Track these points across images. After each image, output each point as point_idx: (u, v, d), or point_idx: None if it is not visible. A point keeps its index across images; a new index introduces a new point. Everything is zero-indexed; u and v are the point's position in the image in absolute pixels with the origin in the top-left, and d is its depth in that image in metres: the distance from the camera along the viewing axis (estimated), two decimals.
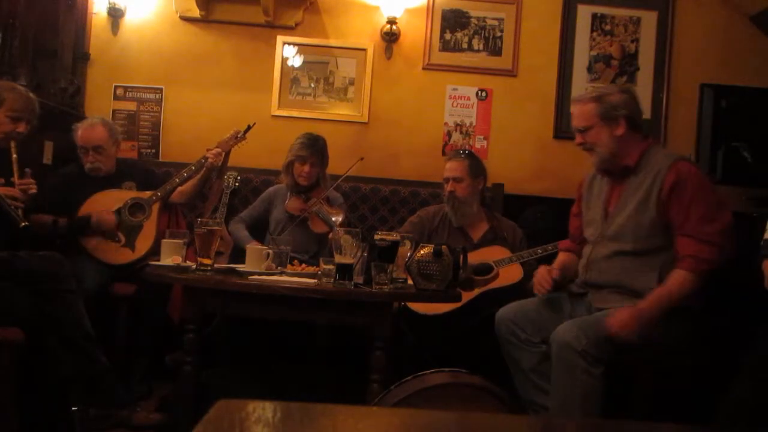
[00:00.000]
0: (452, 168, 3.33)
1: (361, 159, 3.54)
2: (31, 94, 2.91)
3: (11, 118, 2.79)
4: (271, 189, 3.71)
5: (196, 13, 4.08)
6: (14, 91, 2.84)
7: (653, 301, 2.37)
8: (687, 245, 2.36)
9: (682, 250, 2.37)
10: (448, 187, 3.31)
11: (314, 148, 3.49)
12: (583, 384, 2.25)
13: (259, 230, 3.60)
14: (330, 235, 3.23)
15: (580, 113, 2.57)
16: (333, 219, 3.29)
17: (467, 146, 4.08)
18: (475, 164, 3.35)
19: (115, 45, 4.11)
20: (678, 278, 2.37)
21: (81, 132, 3.35)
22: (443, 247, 2.41)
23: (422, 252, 2.43)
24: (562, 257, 2.81)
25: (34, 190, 2.77)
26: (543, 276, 2.63)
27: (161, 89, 4.12)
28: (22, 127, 2.82)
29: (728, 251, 2.36)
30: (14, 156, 2.76)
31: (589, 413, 2.22)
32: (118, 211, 3.30)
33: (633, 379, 2.46)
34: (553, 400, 2.34)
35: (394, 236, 2.44)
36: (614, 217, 2.52)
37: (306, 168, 3.48)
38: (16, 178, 2.73)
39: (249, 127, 3.50)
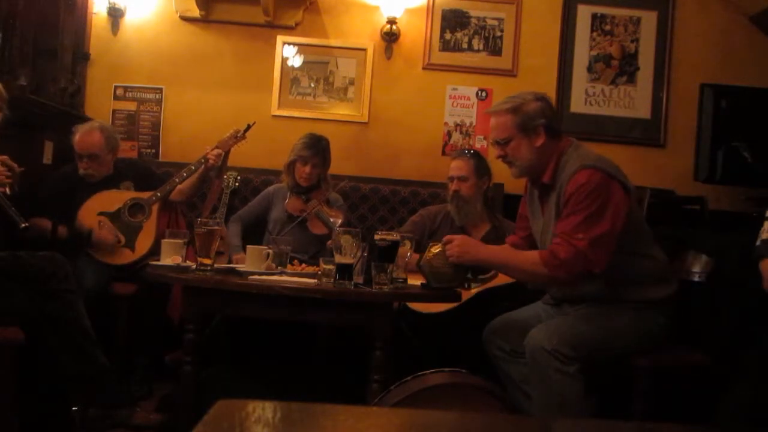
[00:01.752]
0: (457, 167, 3.33)
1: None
2: None
3: None
4: (271, 188, 3.71)
5: (196, 13, 4.08)
6: None
7: (495, 251, 2.51)
8: (555, 242, 2.30)
9: (550, 244, 2.33)
10: (453, 186, 3.30)
11: (316, 149, 3.48)
12: (558, 383, 2.23)
13: (257, 229, 3.60)
14: (329, 243, 3.23)
15: (496, 125, 2.47)
16: (332, 220, 3.29)
17: (467, 146, 4.08)
18: (480, 164, 3.35)
19: (115, 45, 4.11)
20: (528, 256, 2.40)
21: (78, 138, 3.32)
22: None
23: (436, 251, 2.43)
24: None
25: (17, 168, 2.72)
26: None
27: (161, 89, 4.12)
28: None
29: (597, 261, 2.25)
30: None
31: (570, 413, 2.21)
32: (118, 212, 3.30)
33: (633, 379, 2.47)
34: (534, 404, 2.34)
35: (394, 236, 2.43)
36: (545, 235, 2.48)
37: (307, 169, 3.48)
38: None
39: (249, 127, 3.49)
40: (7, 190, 2.62)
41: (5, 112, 2.84)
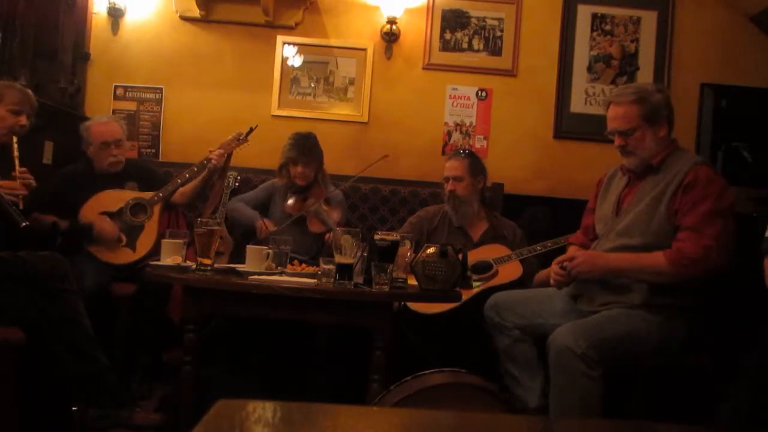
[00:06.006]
0: (452, 167, 3.34)
1: (386, 156, 3.56)
2: (28, 91, 2.93)
3: (12, 112, 2.82)
4: (276, 179, 3.68)
5: (196, 13, 4.08)
6: (12, 87, 2.89)
7: (620, 257, 2.44)
8: (681, 238, 2.34)
9: (676, 241, 2.36)
10: (449, 186, 3.31)
11: (303, 147, 3.49)
12: (582, 387, 2.24)
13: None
14: (326, 237, 3.23)
15: (622, 115, 2.49)
16: (330, 219, 3.29)
17: (467, 146, 4.08)
18: (474, 163, 3.36)
19: (115, 45, 4.11)
20: (654, 258, 2.37)
21: (101, 128, 3.38)
22: (449, 247, 2.42)
23: (427, 252, 2.43)
24: (570, 250, 2.80)
25: (34, 184, 2.77)
26: (554, 270, 2.59)
27: (161, 89, 4.12)
28: (23, 120, 2.84)
29: (721, 259, 2.31)
30: (16, 153, 2.77)
31: (588, 415, 2.22)
32: (120, 211, 3.30)
33: (633, 379, 2.46)
34: (553, 403, 2.34)
35: (394, 236, 2.44)
36: (626, 213, 2.50)
37: (299, 169, 3.48)
38: (17, 173, 2.73)
39: (251, 129, 3.50)
40: (20, 202, 2.64)
41: (32, 120, 2.88)
